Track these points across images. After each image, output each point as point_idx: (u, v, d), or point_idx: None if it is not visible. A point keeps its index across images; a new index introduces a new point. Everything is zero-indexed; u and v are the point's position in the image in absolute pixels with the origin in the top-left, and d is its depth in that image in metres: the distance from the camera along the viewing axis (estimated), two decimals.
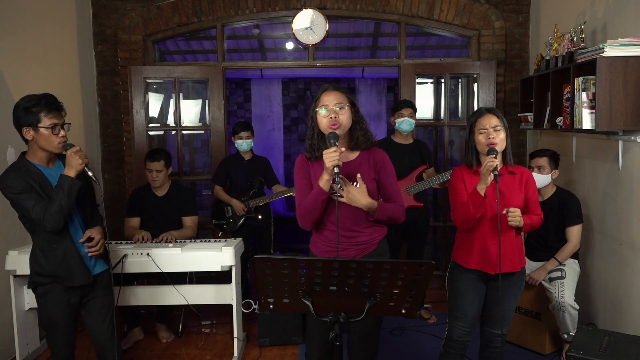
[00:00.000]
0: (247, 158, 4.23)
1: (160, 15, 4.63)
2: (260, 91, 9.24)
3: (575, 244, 3.28)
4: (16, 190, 2.32)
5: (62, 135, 2.37)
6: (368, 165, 2.26)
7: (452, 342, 2.55)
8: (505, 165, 2.45)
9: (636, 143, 2.96)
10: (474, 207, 2.34)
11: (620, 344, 2.31)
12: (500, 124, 2.37)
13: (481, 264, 2.45)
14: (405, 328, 3.81)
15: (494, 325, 2.52)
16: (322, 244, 2.31)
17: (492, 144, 2.34)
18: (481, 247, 2.44)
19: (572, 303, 3.11)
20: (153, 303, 3.45)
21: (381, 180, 2.28)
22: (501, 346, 2.56)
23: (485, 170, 2.28)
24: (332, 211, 2.22)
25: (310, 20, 4.55)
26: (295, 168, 2.34)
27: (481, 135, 2.38)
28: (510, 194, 2.42)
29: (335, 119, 2.15)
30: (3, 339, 3.34)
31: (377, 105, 9.21)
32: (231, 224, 4.17)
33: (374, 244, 2.30)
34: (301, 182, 2.30)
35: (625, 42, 2.80)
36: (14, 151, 3.51)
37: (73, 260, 2.42)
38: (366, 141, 2.26)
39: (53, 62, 4.04)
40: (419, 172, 3.83)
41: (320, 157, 2.18)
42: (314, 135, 2.24)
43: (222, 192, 4.21)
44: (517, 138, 4.70)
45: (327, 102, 2.18)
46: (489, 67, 4.56)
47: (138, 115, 4.66)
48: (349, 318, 1.73)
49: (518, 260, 2.48)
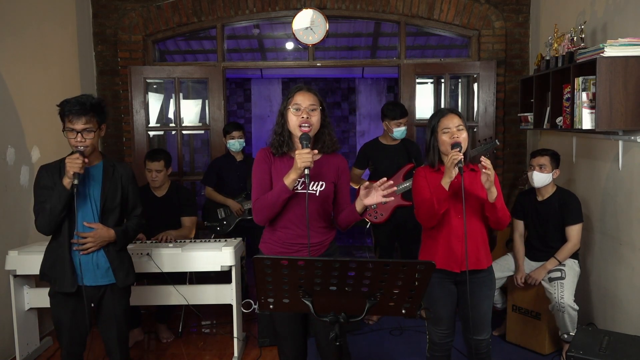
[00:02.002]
0: (238, 159, 4.20)
1: (160, 15, 4.64)
2: (260, 91, 9.25)
3: (575, 243, 3.28)
4: (40, 184, 2.41)
5: (78, 141, 2.36)
6: (331, 169, 2.30)
7: (435, 346, 2.55)
8: (467, 165, 2.47)
9: (636, 143, 2.96)
10: (438, 202, 2.35)
11: (620, 344, 2.31)
12: (462, 124, 2.42)
13: (446, 263, 2.44)
14: (405, 328, 3.81)
15: (474, 331, 2.49)
16: (274, 244, 2.31)
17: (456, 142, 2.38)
18: (445, 246, 2.45)
19: (571, 304, 3.11)
20: (153, 303, 3.46)
21: (339, 186, 2.34)
22: (488, 351, 2.55)
23: (450, 164, 2.30)
24: (287, 211, 2.24)
25: (310, 20, 4.55)
26: (257, 160, 2.32)
27: (445, 135, 2.41)
28: (474, 189, 2.43)
29: (307, 119, 2.19)
30: (3, 339, 3.34)
31: (377, 105, 9.21)
32: (224, 226, 4.13)
33: (325, 245, 2.33)
34: (262, 175, 2.29)
35: (625, 42, 2.80)
36: (14, 151, 3.51)
37: (61, 266, 2.43)
38: (332, 145, 2.31)
39: (53, 62, 4.04)
40: (405, 171, 3.84)
41: (285, 153, 2.25)
42: (283, 132, 2.26)
43: (215, 193, 4.16)
44: (517, 138, 4.70)
45: (300, 102, 2.21)
46: (489, 67, 4.56)
47: (138, 115, 4.66)
48: (349, 318, 1.73)
49: (484, 258, 2.47)
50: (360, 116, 9.33)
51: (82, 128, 2.35)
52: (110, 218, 2.50)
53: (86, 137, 2.36)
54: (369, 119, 9.34)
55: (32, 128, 3.72)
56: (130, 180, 2.59)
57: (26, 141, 3.67)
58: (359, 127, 9.34)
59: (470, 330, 2.50)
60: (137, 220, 2.62)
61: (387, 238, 3.97)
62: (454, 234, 2.43)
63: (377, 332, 3.78)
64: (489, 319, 2.52)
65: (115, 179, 2.52)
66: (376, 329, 3.83)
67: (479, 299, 2.47)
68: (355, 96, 9.27)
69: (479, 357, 2.54)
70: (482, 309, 2.48)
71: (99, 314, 2.55)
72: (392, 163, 3.89)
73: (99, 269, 2.48)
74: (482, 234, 2.49)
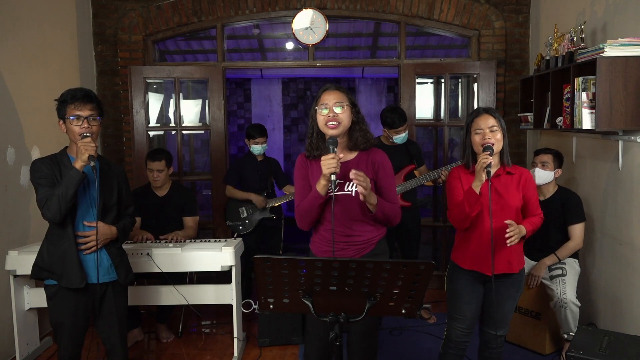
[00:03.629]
0: (259, 159, 4.23)
1: (160, 15, 4.63)
2: (260, 91, 9.24)
3: (578, 242, 3.28)
4: (38, 175, 2.37)
5: (84, 127, 2.35)
6: (366, 166, 2.26)
7: (451, 343, 2.55)
8: (503, 166, 2.44)
9: (636, 143, 2.96)
10: (469, 205, 2.33)
11: (620, 344, 2.31)
12: (497, 125, 2.36)
13: (477, 265, 2.44)
14: (405, 328, 3.81)
15: (492, 326, 2.51)
16: (320, 243, 2.32)
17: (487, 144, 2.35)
18: (477, 248, 2.44)
19: (574, 300, 3.11)
20: (153, 303, 3.45)
21: (379, 181, 2.28)
22: (500, 347, 2.56)
23: (479, 167, 2.27)
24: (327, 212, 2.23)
25: (310, 20, 4.55)
26: (295, 168, 2.35)
27: (477, 135, 2.38)
28: (507, 194, 2.41)
29: (334, 117, 2.16)
30: (3, 339, 3.34)
31: (377, 105, 9.20)
32: (247, 225, 4.14)
33: (372, 244, 2.30)
34: (300, 182, 2.31)
35: (625, 42, 2.80)
36: (14, 151, 3.51)
37: (69, 261, 2.40)
38: (365, 142, 2.26)
39: (53, 62, 4.04)
40: (406, 172, 3.83)
41: (318, 156, 2.19)
42: (314, 134, 2.25)
43: (236, 190, 4.17)
44: (517, 138, 4.70)
45: (327, 100, 2.19)
46: (489, 67, 4.56)
47: (138, 115, 4.66)
48: (349, 318, 1.73)
49: (516, 262, 2.46)
50: None
51: (88, 114, 2.36)
52: (109, 216, 2.51)
53: (92, 124, 2.37)
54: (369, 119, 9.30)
55: (32, 128, 3.72)
56: (124, 179, 2.62)
57: (26, 141, 3.67)
58: None
59: (487, 324, 2.52)
60: (130, 218, 2.65)
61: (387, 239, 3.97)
62: (487, 237, 2.41)
63: None
64: (509, 317, 2.54)
65: (111, 178, 2.53)
66: None
67: (504, 298, 2.48)
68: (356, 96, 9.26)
69: (490, 351, 2.55)
70: (505, 307, 2.49)
71: (99, 312, 2.54)
72: (392, 163, 3.86)
73: (101, 266, 2.48)
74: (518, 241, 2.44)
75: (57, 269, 2.41)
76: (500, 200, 2.38)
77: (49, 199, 2.31)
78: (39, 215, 3.51)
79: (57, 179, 2.37)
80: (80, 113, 2.34)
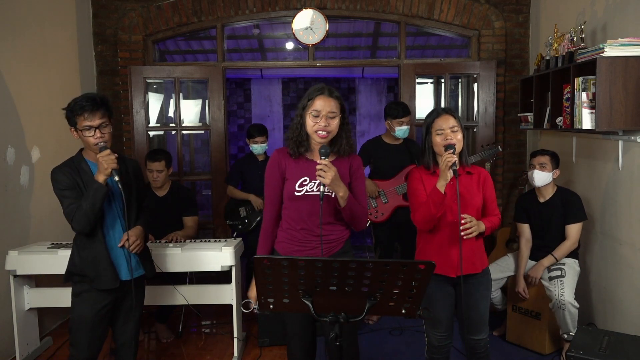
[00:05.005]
0: (260, 159, 4.25)
1: (160, 15, 4.64)
2: (260, 91, 9.24)
3: (573, 242, 3.28)
4: (61, 186, 2.37)
5: (97, 137, 2.36)
6: (345, 169, 2.28)
7: (434, 348, 2.55)
8: (463, 166, 2.43)
9: (636, 143, 2.96)
10: (434, 205, 2.31)
11: (620, 344, 2.31)
12: (457, 125, 2.36)
13: (442, 268, 2.42)
14: (405, 328, 3.81)
15: (472, 331, 2.49)
16: (289, 243, 2.30)
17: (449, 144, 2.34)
18: (440, 251, 2.43)
19: (572, 301, 3.11)
20: (153, 303, 3.45)
21: (353, 185, 2.31)
22: (486, 350, 2.54)
23: (444, 166, 2.25)
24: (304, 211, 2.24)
25: (310, 20, 4.56)
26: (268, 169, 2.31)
27: (438, 136, 2.37)
28: (469, 194, 2.41)
29: (324, 127, 2.17)
30: (3, 339, 3.34)
31: (377, 105, 9.21)
32: (246, 224, 4.17)
33: (341, 243, 2.33)
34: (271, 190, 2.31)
35: (625, 42, 2.80)
36: (14, 151, 3.51)
37: (102, 264, 2.42)
38: (348, 149, 2.28)
39: (53, 62, 4.04)
40: (407, 172, 3.84)
41: (302, 154, 2.25)
42: (302, 132, 2.24)
43: (237, 190, 4.22)
44: (517, 138, 4.70)
45: (320, 108, 2.17)
46: (489, 67, 4.56)
47: (138, 115, 4.66)
48: (349, 318, 1.73)
49: (479, 262, 2.45)
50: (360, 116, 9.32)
51: (99, 123, 2.35)
52: (133, 211, 2.53)
53: (104, 132, 2.38)
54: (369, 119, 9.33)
55: (32, 128, 3.72)
56: (139, 173, 2.64)
57: (26, 141, 3.67)
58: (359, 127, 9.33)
59: (467, 330, 2.50)
60: (145, 216, 2.66)
61: (387, 238, 3.98)
62: (448, 239, 2.41)
63: (377, 332, 3.78)
64: (486, 319, 2.51)
65: (129, 174, 2.54)
66: (376, 329, 3.83)
67: (476, 299, 2.46)
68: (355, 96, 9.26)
69: (477, 356, 2.54)
70: (480, 309, 2.47)
71: (119, 308, 2.55)
72: (392, 162, 3.89)
73: (130, 262, 2.50)
74: (477, 238, 2.45)
75: (89, 272, 2.43)
76: (462, 200, 2.36)
77: (77, 212, 2.33)
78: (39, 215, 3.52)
79: (79, 186, 2.38)
80: (91, 124, 2.34)
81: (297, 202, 2.25)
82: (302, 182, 2.24)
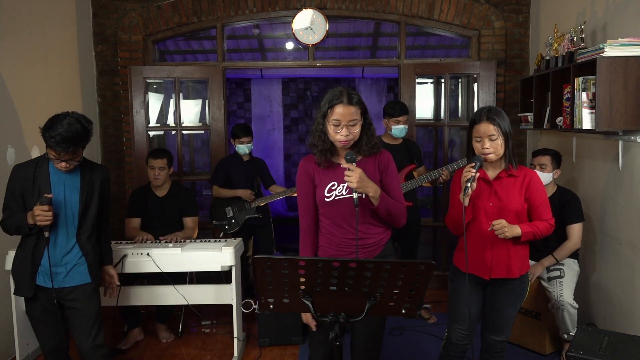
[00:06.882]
0: (245, 159, 4.25)
1: (160, 15, 4.63)
2: (260, 91, 9.23)
3: (575, 242, 3.28)
4: (11, 187, 2.51)
5: (62, 166, 2.41)
6: (373, 167, 2.25)
7: (451, 345, 2.55)
8: (506, 169, 2.40)
9: (636, 143, 2.96)
10: (456, 213, 2.34)
11: (620, 344, 2.31)
12: (496, 133, 2.30)
13: (475, 269, 2.43)
14: (405, 328, 3.81)
15: (492, 331, 2.51)
16: (329, 247, 2.28)
17: (483, 154, 2.32)
18: (475, 252, 2.43)
19: (571, 302, 3.11)
20: (153, 303, 3.45)
21: (384, 181, 2.27)
22: (501, 352, 2.54)
23: (463, 179, 2.28)
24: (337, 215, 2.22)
25: (310, 20, 4.55)
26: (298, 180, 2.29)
27: (477, 143, 2.36)
28: (507, 197, 2.37)
29: (347, 135, 2.14)
30: (3, 339, 3.34)
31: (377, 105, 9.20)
32: (233, 224, 4.16)
33: (381, 246, 2.29)
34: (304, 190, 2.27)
35: (626, 42, 2.80)
36: (14, 151, 3.51)
37: (22, 270, 2.51)
38: (370, 149, 2.23)
39: (53, 62, 4.04)
40: (407, 172, 3.83)
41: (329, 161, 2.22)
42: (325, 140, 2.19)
43: (223, 189, 4.21)
44: (517, 138, 4.70)
45: (340, 117, 2.12)
46: (489, 67, 4.56)
47: (138, 115, 4.66)
48: (349, 318, 1.73)
49: (517, 267, 2.41)
50: None
51: (67, 158, 2.39)
52: (87, 224, 2.55)
53: (72, 163, 2.42)
54: None
55: (32, 128, 3.69)
56: (107, 184, 2.64)
57: (26, 141, 3.67)
58: None
59: (488, 329, 2.52)
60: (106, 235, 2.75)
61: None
62: (483, 240, 2.40)
63: None
64: (510, 323, 2.51)
65: (93, 183, 2.55)
66: None
67: (503, 305, 2.46)
68: None
69: (491, 355, 2.55)
70: (505, 313, 2.47)
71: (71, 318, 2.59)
72: None
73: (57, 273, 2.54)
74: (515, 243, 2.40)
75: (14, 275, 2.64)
76: (499, 203, 2.36)
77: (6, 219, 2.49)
78: None
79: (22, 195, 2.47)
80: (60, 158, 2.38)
81: (329, 208, 2.22)
82: (331, 187, 2.21)
